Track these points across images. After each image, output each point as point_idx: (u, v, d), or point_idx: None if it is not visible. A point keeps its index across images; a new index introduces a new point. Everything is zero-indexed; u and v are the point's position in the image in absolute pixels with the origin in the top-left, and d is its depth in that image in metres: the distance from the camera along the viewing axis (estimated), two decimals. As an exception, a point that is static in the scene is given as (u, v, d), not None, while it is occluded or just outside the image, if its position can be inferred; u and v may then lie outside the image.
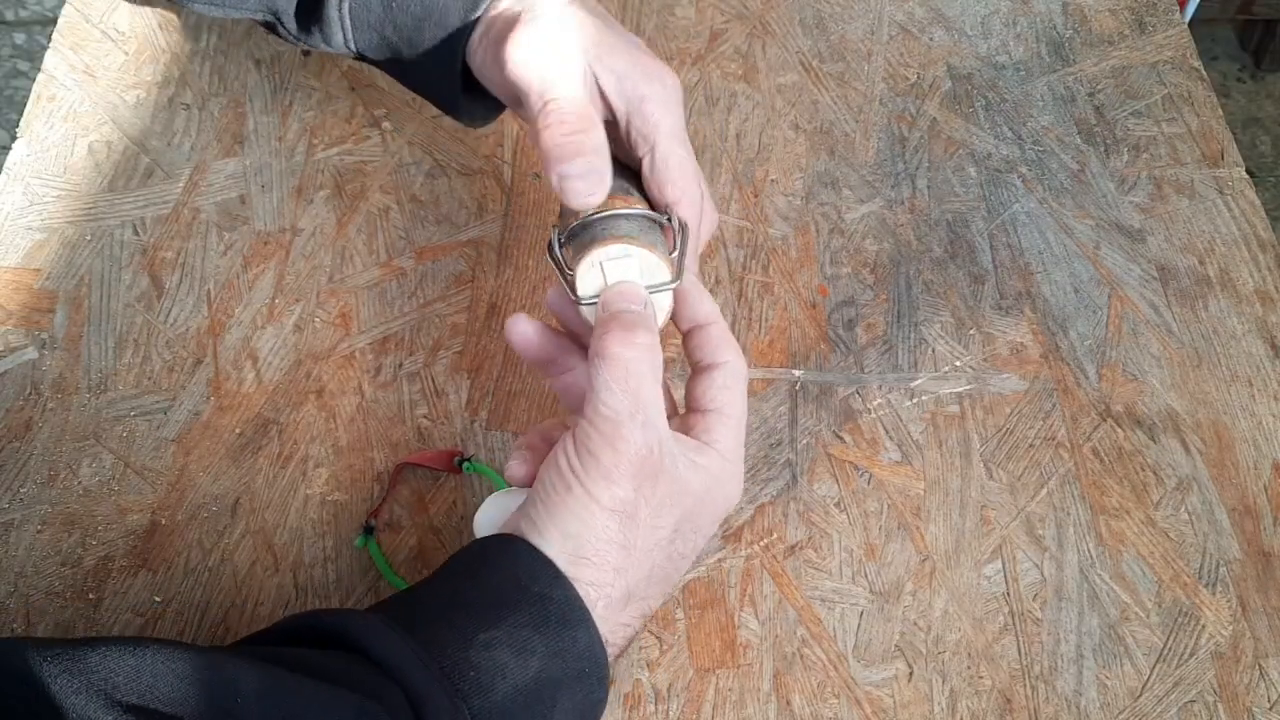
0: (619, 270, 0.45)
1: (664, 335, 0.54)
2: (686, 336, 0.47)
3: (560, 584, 0.41)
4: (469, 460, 0.55)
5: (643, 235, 0.45)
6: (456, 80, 0.52)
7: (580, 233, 0.45)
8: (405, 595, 0.43)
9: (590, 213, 0.45)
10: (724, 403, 0.45)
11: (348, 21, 0.54)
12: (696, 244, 0.49)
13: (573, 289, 0.45)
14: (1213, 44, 1.99)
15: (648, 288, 0.45)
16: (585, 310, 0.46)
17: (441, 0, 0.51)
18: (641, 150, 0.48)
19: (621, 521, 0.42)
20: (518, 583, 0.41)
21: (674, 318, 0.47)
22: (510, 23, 0.48)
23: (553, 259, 0.46)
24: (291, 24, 0.56)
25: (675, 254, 0.46)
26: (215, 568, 0.52)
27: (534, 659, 0.40)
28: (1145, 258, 0.64)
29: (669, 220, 0.47)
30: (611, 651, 0.42)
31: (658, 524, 0.43)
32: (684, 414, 0.46)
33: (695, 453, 0.44)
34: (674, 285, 0.45)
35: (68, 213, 0.63)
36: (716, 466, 0.44)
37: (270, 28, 0.57)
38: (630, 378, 0.42)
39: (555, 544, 0.42)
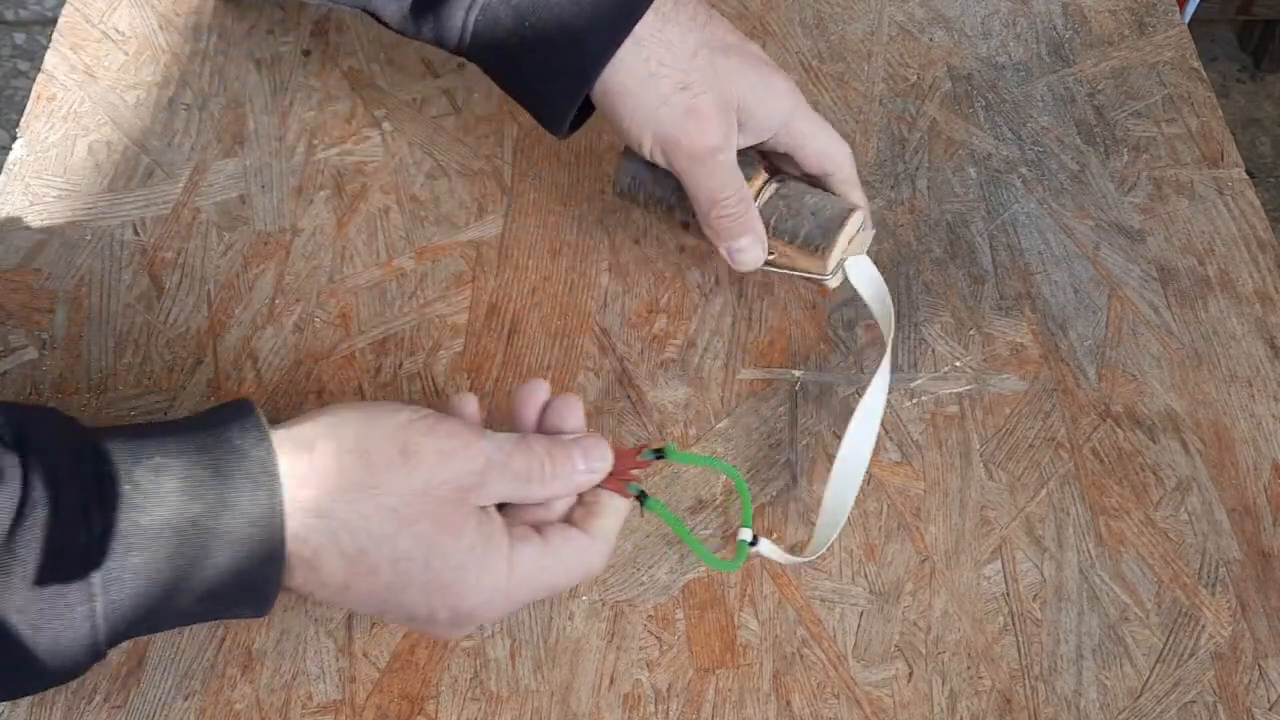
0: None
1: (662, 339, 0.54)
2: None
3: (262, 446, 0.40)
4: (646, 497, 0.47)
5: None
6: (576, 101, 0.54)
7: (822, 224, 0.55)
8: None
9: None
10: (592, 526, 0.45)
11: (470, 28, 0.54)
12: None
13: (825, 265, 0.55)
14: (1213, 44, 1.99)
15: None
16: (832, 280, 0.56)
17: (578, 27, 0.53)
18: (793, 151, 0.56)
19: (387, 465, 0.41)
20: (221, 431, 0.40)
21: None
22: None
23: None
24: (394, 19, 0.56)
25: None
26: (215, 568, 0.52)
27: (200, 503, 0.38)
28: (1145, 258, 0.64)
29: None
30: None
31: (407, 508, 0.41)
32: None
33: (520, 539, 0.43)
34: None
35: (68, 213, 0.63)
36: (528, 554, 0.43)
37: (373, 14, 0.57)
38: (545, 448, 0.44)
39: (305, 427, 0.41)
